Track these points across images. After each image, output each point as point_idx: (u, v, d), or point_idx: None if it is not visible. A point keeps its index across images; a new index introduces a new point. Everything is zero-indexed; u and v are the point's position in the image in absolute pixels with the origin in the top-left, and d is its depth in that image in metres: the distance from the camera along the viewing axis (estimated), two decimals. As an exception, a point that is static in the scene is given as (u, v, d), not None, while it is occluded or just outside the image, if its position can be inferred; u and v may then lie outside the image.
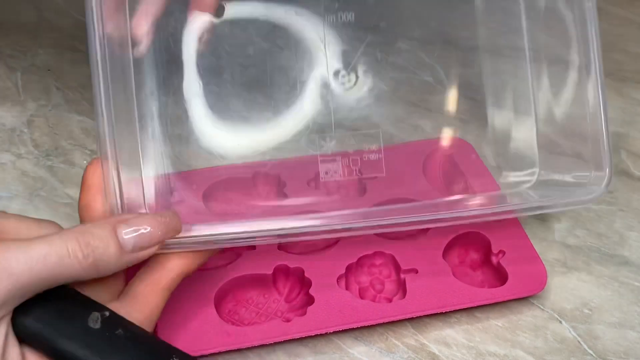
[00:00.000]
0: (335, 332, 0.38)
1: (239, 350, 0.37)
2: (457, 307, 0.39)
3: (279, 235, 0.36)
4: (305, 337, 0.38)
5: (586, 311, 0.41)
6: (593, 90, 0.39)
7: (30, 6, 0.66)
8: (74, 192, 0.46)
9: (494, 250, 0.42)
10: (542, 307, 0.41)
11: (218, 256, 0.42)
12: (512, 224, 0.43)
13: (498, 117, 0.50)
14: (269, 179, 0.46)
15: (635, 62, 0.63)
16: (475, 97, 0.58)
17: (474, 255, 0.43)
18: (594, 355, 0.38)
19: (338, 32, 0.47)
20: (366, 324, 0.37)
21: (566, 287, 0.42)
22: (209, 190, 0.44)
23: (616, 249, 0.45)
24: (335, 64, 0.49)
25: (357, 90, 0.51)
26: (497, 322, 0.40)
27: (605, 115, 0.39)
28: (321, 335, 0.38)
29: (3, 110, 0.53)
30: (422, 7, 0.55)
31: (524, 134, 0.47)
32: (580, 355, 0.38)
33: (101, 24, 0.32)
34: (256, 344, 0.36)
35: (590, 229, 0.46)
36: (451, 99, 0.58)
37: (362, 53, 0.51)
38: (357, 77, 0.50)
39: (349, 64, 0.54)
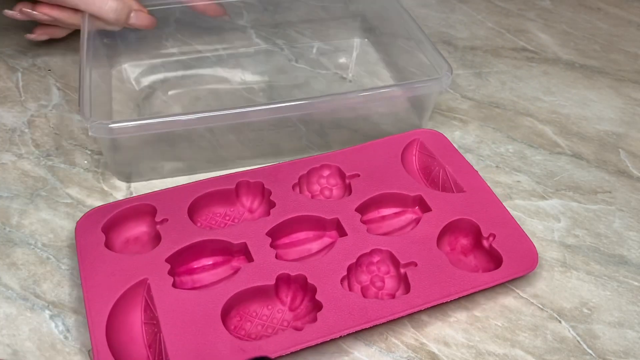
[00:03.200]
0: (335, 332, 0.38)
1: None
2: (461, 294, 0.39)
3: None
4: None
5: (585, 311, 0.41)
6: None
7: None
8: (75, 192, 0.47)
9: (484, 234, 0.42)
10: (541, 307, 0.41)
11: (215, 271, 0.41)
12: (497, 208, 0.44)
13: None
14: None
15: (634, 62, 0.64)
16: (474, 98, 0.58)
17: (463, 241, 0.44)
18: (593, 354, 0.38)
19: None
20: (378, 322, 0.37)
21: (565, 286, 0.42)
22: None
23: (615, 248, 0.45)
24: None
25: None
26: (496, 322, 0.40)
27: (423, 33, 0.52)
28: (321, 334, 0.38)
29: (4, 110, 0.53)
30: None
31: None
32: (579, 355, 0.38)
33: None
34: (273, 356, 0.35)
35: (590, 229, 0.46)
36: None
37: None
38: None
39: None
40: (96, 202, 0.45)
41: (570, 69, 0.62)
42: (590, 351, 0.38)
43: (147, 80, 0.57)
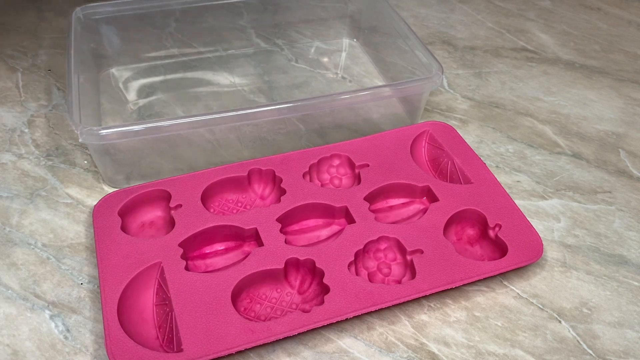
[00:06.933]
0: (335, 332, 0.38)
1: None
2: (466, 281, 0.39)
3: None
4: (305, 337, 0.38)
5: (585, 311, 0.41)
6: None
7: (30, 6, 0.67)
8: (75, 192, 0.47)
9: (491, 224, 0.43)
10: (541, 307, 0.41)
11: (227, 256, 0.42)
12: (503, 199, 0.45)
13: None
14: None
15: (634, 63, 0.64)
16: (474, 98, 0.58)
17: (469, 231, 0.44)
18: (593, 354, 0.38)
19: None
20: (383, 306, 0.38)
21: (565, 286, 0.42)
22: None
23: (615, 248, 0.45)
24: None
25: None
26: (496, 322, 0.40)
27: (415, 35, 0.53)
28: (321, 334, 0.38)
29: (4, 111, 0.53)
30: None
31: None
32: (579, 355, 0.38)
33: None
34: (281, 336, 0.36)
35: (590, 229, 0.46)
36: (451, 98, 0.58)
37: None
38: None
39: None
40: (96, 202, 0.45)
41: (570, 69, 0.62)
42: (590, 351, 0.38)
43: (145, 82, 0.57)
